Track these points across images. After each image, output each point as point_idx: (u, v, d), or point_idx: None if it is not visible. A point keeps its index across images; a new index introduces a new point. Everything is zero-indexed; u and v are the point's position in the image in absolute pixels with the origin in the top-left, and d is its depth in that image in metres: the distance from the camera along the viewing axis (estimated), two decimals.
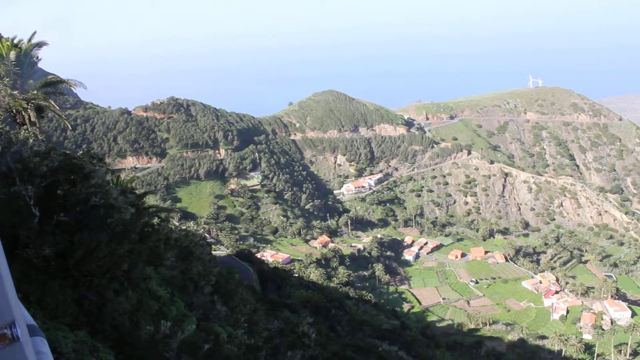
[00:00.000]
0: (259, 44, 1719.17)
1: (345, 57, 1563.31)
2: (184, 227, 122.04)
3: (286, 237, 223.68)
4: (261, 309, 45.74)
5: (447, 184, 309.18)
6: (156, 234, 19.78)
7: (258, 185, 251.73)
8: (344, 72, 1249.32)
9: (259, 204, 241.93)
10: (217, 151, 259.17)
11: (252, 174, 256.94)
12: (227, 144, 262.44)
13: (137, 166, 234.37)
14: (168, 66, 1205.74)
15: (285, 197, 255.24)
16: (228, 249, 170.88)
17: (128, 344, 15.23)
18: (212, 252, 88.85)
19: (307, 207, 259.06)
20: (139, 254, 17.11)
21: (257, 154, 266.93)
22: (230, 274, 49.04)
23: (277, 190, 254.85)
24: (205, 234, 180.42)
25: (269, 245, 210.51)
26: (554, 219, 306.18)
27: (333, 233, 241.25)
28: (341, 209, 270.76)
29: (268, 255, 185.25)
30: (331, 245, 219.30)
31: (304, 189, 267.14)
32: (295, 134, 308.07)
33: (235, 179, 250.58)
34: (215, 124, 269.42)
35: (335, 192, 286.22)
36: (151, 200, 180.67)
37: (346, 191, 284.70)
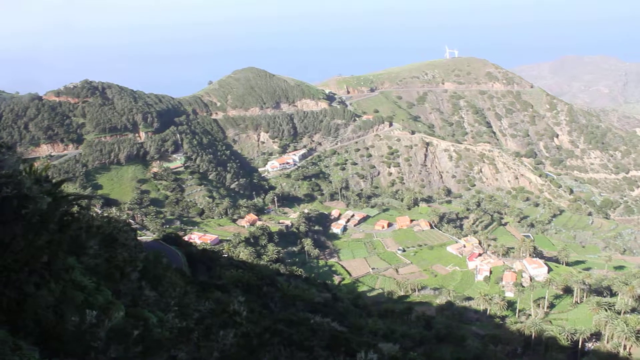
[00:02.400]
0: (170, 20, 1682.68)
1: (263, 31, 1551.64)
2: (107, 214, 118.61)
3: (213, 218, 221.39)
4: (191, 291, 45.21)
5: (370, 156, 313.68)
6: (77, 223, 19.04)
7: (181, 167, 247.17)
8: (262, 47, 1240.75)
9: (184, 186, 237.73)
10: (137, 134, 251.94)
11: (174, 156, 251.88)
12: (147, 126, 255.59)
13: (52, 154, 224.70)
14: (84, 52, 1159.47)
15: (210, 177, 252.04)
16: (154, 233, 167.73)
17: (53, 338, 14.73)
18: (138, 237, 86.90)
19: (232, 186, 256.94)
20: (59, 244, 16.47)
21: (178, 135, 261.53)
22: (157, 258, 48.09)
23: (201, 171, 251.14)
24: (130, 220, 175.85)
25: (196, 227, 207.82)
26: (475, 185, 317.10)
27: (260, 211, 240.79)
28: (267, 187, 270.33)
29: (196, 238, 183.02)
30: (259, 223, 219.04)
31: (228, 168, 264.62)
32: (216, 113, 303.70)
33: (158, 162, 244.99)
34: (134, 106, 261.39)
35: (260, 169, 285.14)
36: (70, 188, 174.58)
37: (271, 168, 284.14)
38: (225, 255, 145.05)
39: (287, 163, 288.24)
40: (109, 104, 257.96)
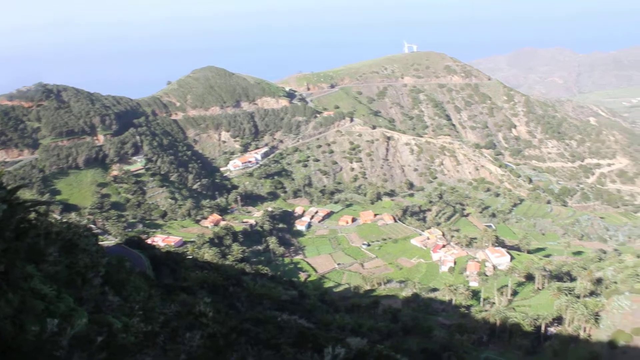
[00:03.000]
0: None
1: (220, 30, 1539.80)
2: (66, 220, 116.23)
3: (176, 220, 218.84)
4: (156, 294, 44.72)
5: (332, 152, 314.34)
6: (34, 230, 18.66)
7: (142, 169, 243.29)
8: (222, 45, 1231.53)
9: (145, 188, 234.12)
10: (95, 137, 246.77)
11: (134, 158, 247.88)
12: (106, 128, 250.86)
13: (6, 160, 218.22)
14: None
15: (172, 179, 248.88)
16: (116, 237, 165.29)
17: (13, 349, 14.40)
18: (100, 242, 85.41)
19: (195, 187, 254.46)
20: (16, 253, 16.10)
21: (138, 137, 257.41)
22: (120, 263, 47.43)
23: (162, 172, 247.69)
24: (90, 225, 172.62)
25: (159, 229, 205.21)
26: (436, 177, 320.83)
27: (223, 211, 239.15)
28: (230, 186, 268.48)
29: (159, 240, 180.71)
30: (223, 223, 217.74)
31: (190, 169, 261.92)
32: (176, 114, 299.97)
33: (118, 164, 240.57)
34: (91, 108, 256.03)
35: (222, 169, 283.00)
36: (26, 194, 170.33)
37: (233, 167, 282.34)
38: (190, 257, 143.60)
39: (250, 162, 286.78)
40: (65, 107, 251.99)
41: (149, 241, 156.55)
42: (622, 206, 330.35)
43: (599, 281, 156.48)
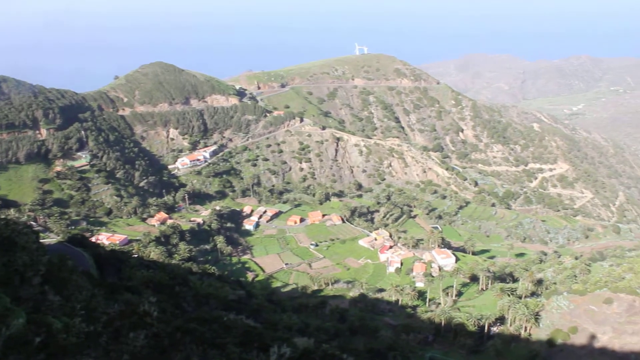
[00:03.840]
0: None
1: (171, 26, 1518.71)
2: (4, 216, 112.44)
3: (122, 218, 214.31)
4: (99, 294, 43.58)
5: (281, 151, 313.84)
6: None
7: (87, 165, 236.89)
8: (171, 42, 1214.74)
9: (90, 185, 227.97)
10: (37, 131, 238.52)
11: (79, 154, 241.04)
12: (49, 123, 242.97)
13: None
14: None
15: (118, 175, 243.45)
16: (59, 235, 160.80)
17: None
18: (41, 240, 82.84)
19: (141, 184, 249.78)
20: None
21: (83, 132, 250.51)
22: (62, 261, 45.96)
23: (108, 169, 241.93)
24: (31, 222, 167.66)
25: (104, 227, 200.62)
26: (385, 179, 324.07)
27: (171, 209, 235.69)
28: (177, 184, 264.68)
29: (104, 238, 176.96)
30: (170, 221, 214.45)
31: (137, 166, 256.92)
32: (123, 109, 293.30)
33: (61, 160, 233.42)
34: (33, 101, 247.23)
35: (170, 167, 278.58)
36: None
37: (181, 165, 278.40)
38: (136, 256, 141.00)
39: (198, 160, 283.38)
40: (5, 99, 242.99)
41: (93, 239, 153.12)
42: (562, 210, 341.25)
43: (539, 282, 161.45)
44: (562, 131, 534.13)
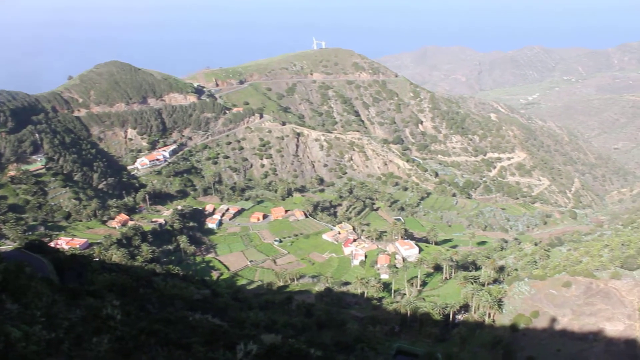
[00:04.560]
0: None
1: (124, 23, 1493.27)
2: None
3: (81, 221, 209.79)
4: (60, 300, 42.67)
5: (242, 148, 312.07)
6: None
7: (43, 168, 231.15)
8: (123, 39, 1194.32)
9: (46, 189, 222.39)
10: None
11: (34, 157, 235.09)
12: (0, 126, 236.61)
13: None
14: None
15: (75, 178, 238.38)
16: (15, 242, 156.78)
17: None
18: None
19: (100, 186, 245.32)
20: None
21: (37, 135, 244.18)
22: (19, 268, 44.83)
23: (65, 172, 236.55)
24: None
25: (63, 231, 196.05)
26: (346, 173, 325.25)
27: (131, 210, 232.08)
28: (137, 185, 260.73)
29: (63, 243, 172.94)
30: (131, 223, 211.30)
31: (95, 167, 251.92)
32: (79, 110, 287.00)
33: (15, 164, 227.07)
34: None
35: (129, 167, 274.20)
36: None
37: (141, 166, 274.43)
38: (97, 259, 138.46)
39: (158, 159, 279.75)
40: None
41: (51, 244, 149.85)
42: (521, 197, 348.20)
43: (501, 269, 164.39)
44: (518, 120, 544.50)
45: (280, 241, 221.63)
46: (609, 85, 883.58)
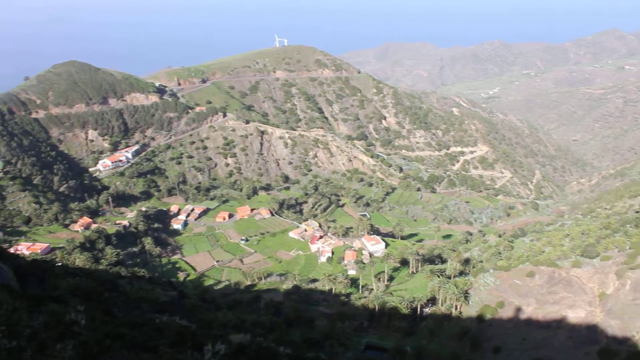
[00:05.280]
0: None
1: (82, 21, 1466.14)
2: None
3: (42, 225, 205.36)
4: (21, 307, 41.60)
5: (206, 148, 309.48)
6: None
7: (0, 172, 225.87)
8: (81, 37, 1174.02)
9: (4, 193, 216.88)
10: None
11: None
12: None
13: None
14: None
15: (35, 182, 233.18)
16: None
17: None
18: None
19: (61, 189, 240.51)
20: None
21: None
22: None
23: (23, 175, 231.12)
24: None
25: (23, 237, 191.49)
26: (311, 170, 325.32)
27: (94, 213, 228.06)
28: (100, 187, 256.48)
29: (23, 248, 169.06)
30: (94, 226, 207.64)
31: (55, 170, 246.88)
32: (37, 112, 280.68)
33: None
34: None
35: (91, 169, 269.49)
36: None
37: (103, 167, 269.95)
38: (60, 264, 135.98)
39: (120, 161, 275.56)
40: None
41: (11, 250, 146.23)
42: (484, 190, 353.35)
43: (467, 261, 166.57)
44: (480, 114, 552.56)
45: (247, 240, 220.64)
46: (566, 79, 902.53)
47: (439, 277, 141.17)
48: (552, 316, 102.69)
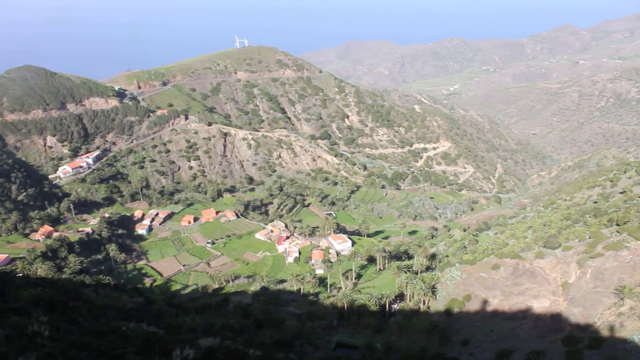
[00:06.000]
0: None
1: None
2: None
3: (1, 236, 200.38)
4: None
5: (169, 151, 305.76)
6: None
7: None
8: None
9: None
10: None
11: None
12: None
13: None
14: None
15: None
16: None
17: None
18: None
19: (20, 198, 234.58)
20: None
21: None
22: None
23: None
24: None
25: None
26: (275, 170, 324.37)
27: (56, 221, 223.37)
28: (61, 194, 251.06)
29: None
30: (56, 234, 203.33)
31: (12, 178, 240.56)
32: None
33: None
34: None
35: (50, 177, 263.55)
36: None
37: (63, 174, 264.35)
38: (21, 275, 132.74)
39: (81, 167, 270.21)
40: None
41: None
42: (448, 185, 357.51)
43: (433, 256, 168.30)
44: (441, 111, 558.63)
45: (213, 243, 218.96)
46: (524, 74, 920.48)
47: (406, 273, 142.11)
48: (517, 307, 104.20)
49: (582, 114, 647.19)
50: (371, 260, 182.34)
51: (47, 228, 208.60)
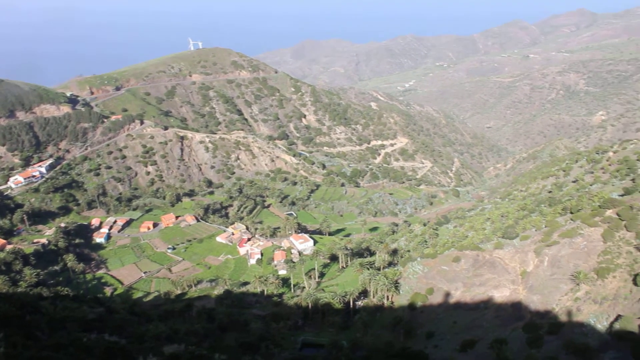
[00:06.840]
0: None
1: None
2: None
3: None
4: None
5: (125, 157, 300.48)
6: None
7: None
8: None
9: None
10: None
11: None
12: None
13: None
14: None
15: None
16: None
17: None
18: None
19: None
20: None
21: None
22: None
23: None
24: None
25: None
26: (234, 173, 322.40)
27: (9, 233, 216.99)
28: (13, 205, 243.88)
29: None
30: (9, 247, 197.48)
31: None
32: None
33: None
34: None
35: (1, 187, 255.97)
36: None
37: (15, 184, 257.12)
38: None
39: (34, 176, 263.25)
40: None
41: None
42: (407, 181, 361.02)
43: (394, 252, 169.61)
44: (398, 107, 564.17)
45: (174, 248, 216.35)
46: (477, 69, 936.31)
47: (368, 269, 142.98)
48: (479, 298, 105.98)
49: (534, 106, 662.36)
50: (333, 258, 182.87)
51: None
